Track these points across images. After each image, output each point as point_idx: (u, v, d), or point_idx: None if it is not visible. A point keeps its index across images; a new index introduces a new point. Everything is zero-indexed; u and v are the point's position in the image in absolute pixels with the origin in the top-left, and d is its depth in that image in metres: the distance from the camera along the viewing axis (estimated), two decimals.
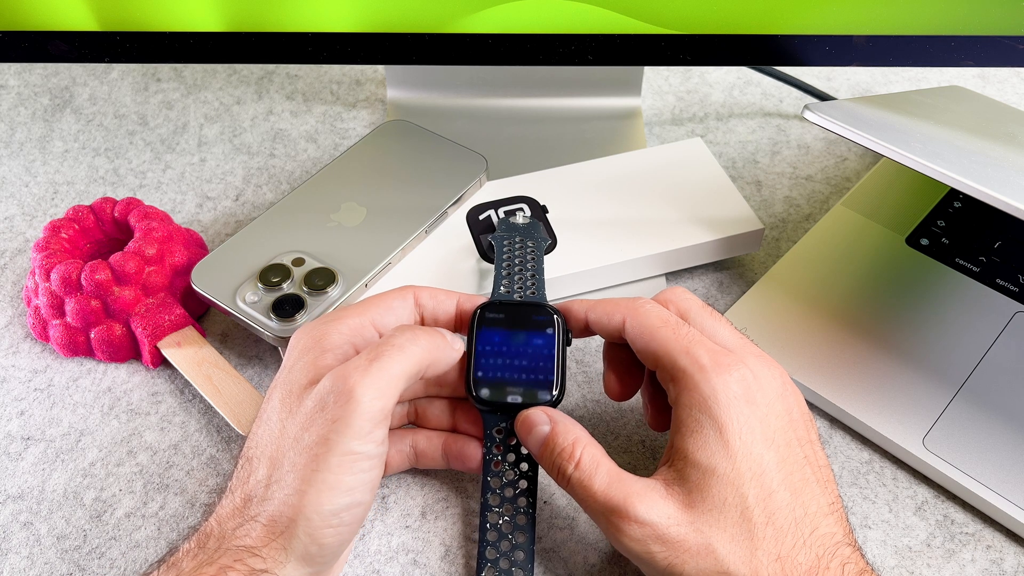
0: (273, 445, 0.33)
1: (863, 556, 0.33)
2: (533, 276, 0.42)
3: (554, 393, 0.37)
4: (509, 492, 0.38)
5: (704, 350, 0.34)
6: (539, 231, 0.46)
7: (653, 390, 0.39)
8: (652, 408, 0.39)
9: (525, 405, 0.37)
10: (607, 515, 0.33)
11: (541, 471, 0.39)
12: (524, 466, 0.38)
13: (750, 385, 0.34)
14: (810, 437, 0.35)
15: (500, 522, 0.37)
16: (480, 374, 0.38)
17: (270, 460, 0.33)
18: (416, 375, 0.35)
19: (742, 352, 0.35)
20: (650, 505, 0.32)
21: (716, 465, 0.32)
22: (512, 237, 0.45)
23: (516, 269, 0.42)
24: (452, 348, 0.37)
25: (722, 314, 0.40)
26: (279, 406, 0.35)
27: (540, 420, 0.36)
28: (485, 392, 0.37)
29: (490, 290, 0.42)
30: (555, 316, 0.39)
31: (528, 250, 0.44)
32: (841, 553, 0.32)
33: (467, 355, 0.38)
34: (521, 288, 0.41)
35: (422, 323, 0.39)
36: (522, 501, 0.38)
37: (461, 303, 0.39)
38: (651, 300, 0.37)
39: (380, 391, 0.33)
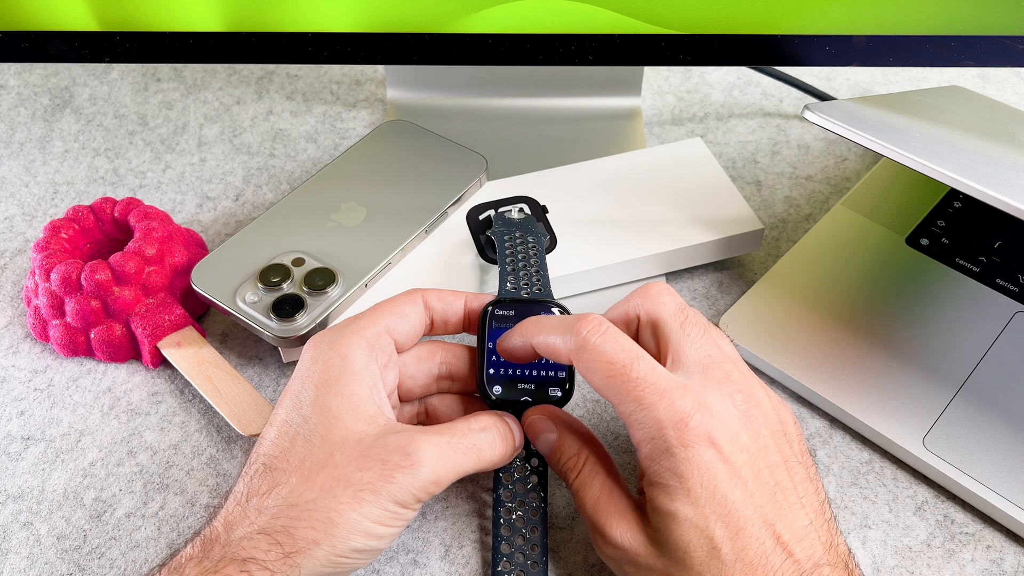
0: (305, 463, 0.33)
1: (847, 566, 0.32)
2: (538, 272, 0.42)
3: (565, 389, 0.38)
4: (521, 488, 0.38)
5: (657, 397, 0.32)
6: (535, 225, 0.46)
7: None
8: None
9: (536, 402, 0.38)
10: (590, 528, 0.35)
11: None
12: (535, 461, 0.38)
13: (710, 426, 0.32)
14: (783, 457, 0.33)
15: (513, 517, 0.37)
16: (492, 371, 0.38)
17: (302, 478, 0.33)
18: (475, 471, 0.36)
19: (700, 381, 0.33)
20: (624, 532, 0.33)
21: (678, 511, 0.32)
22: (512, 232, 0.45)
23: (520, 266, 0.43)
24: (516, 451, 0.37)
25: (713, 314, 0.38)
26: (307, 423, 0.34)
27: (546, 428, 0.37)
28: (497, 389, 0.38)
29: (493, 288, 0.42)
30: (562, 311, 0.40)
31: (529, 246, 0.44)
32: (818, 574, 0.31)
33: (478, 353, 0.39)
34: (527, 285, 0.42)
35: (432, 325, 0.39)
36: (534, 496, 0.38)
37: (468, 302, 0.40)
38: (595, 325, 0.34)
39: (440, 476, 0.33)
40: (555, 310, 0.40)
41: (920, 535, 0.40)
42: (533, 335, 0.36)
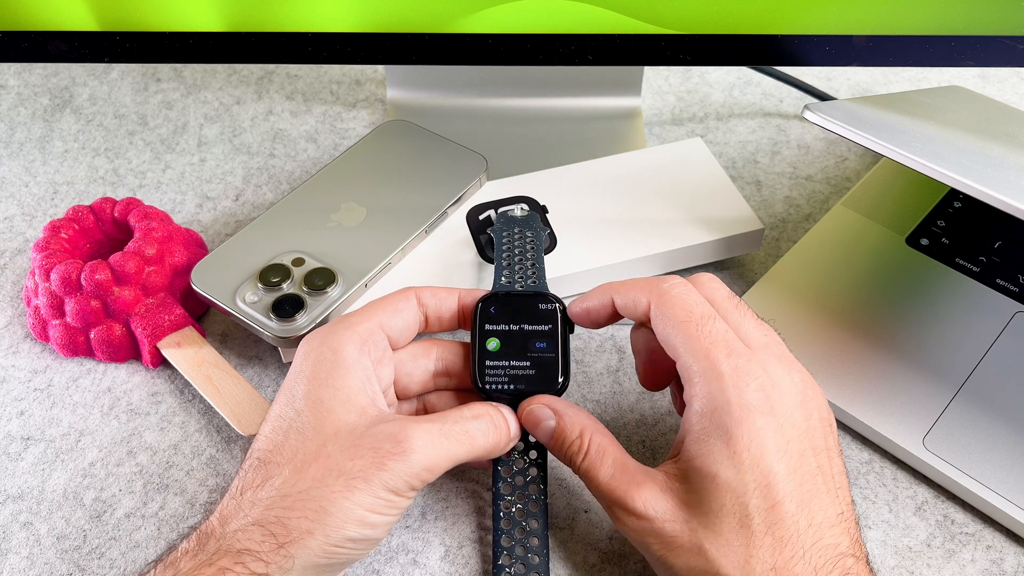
0: (298, 455, 0.33)
1: (868, 566, 0.32)
2: (533, 265, 0.42)
3: (560, 381, 0.38)
4: (520, 480, 0.38)
5: (725, 354, 0.33)
6: (537, 223, 0.46)
7: (656, 356, 0.38)
8: (647, 367, 0.38)
9: (531, 393, 0.37)
10: (609, 504, 0.35)
11: (551, 457, 0.39)
12: (533, 454, 0.38)
13: (769, 394, 0.33)
14: (827, 444, 0.34)
15: (513, 510, 0.37)
16: (485, 364, 0.38)
17: (295, 470, 0.33)
18: (469, 460, 0.36)
19: (764, 354, 0.34)
20: (647, 500, 0.33)
21: (719, 472, 0.32)
22: (511, 229, 0.45)
23: (516, 259, 0.43)
24: (511, 441, 0.37)
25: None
26: (299, 416, 0.34)
27: (545, 415, 0.37)
28: (491, 382, 0.38)
29: (490, 286, 0.42)
30: (556, 304, 0.39)
31: (527, 240, 0.44)
32: (843, 564, 0.31)
33: (472, 347, 0.39)
34: (522, 278, 0.42)
35: (426, 322, 0.39)
36: (533, 489, 0.38)
37: (462, 298, 0.40)
38: (680, 282, 0.36)
39: (432, 463, 0.33)
40: (551, 304, 0.39)
41: (920, 535, 0.40)
42: (615, 291, 0.37)
